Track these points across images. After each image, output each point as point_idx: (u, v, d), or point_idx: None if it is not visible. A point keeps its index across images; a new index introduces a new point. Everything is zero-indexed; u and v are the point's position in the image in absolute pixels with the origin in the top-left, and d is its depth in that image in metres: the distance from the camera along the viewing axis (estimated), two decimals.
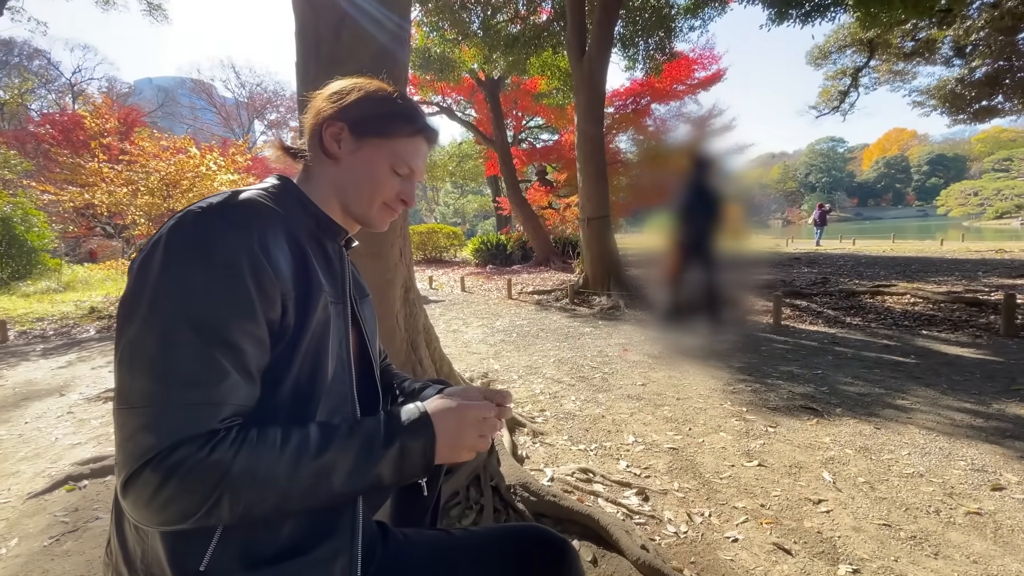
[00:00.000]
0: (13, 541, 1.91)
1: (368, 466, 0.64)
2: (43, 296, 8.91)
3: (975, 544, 1.76)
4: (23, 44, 30.51)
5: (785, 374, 3.77)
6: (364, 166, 0.80)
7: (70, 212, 12.89)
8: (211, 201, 0.65)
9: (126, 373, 0.57)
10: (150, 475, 0.53)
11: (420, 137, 0.84)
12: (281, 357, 0.66)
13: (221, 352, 0.58)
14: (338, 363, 0.74)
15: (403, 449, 0.67)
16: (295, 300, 0.67)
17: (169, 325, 0.57)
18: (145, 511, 0.55)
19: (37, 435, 3.00)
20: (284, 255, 0.67)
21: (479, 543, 0.86)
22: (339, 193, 0.82)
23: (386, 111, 0.81)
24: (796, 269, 10.04)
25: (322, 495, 0.62)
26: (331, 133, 0.79)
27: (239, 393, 0.60)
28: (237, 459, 0.57)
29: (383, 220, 0.86)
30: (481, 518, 1.89)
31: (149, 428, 0.55)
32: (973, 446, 2.50)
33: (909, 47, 14.62)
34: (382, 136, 0.80)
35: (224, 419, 0.59)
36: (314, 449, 0.62)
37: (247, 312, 0.61)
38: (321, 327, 0.70)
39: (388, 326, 2.32)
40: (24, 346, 5.63)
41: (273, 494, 0.59)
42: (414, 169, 0.84)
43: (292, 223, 0.72)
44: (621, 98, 16.53)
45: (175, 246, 0.60)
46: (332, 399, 0.72)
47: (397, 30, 2.25)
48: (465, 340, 5.35)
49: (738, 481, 2.23)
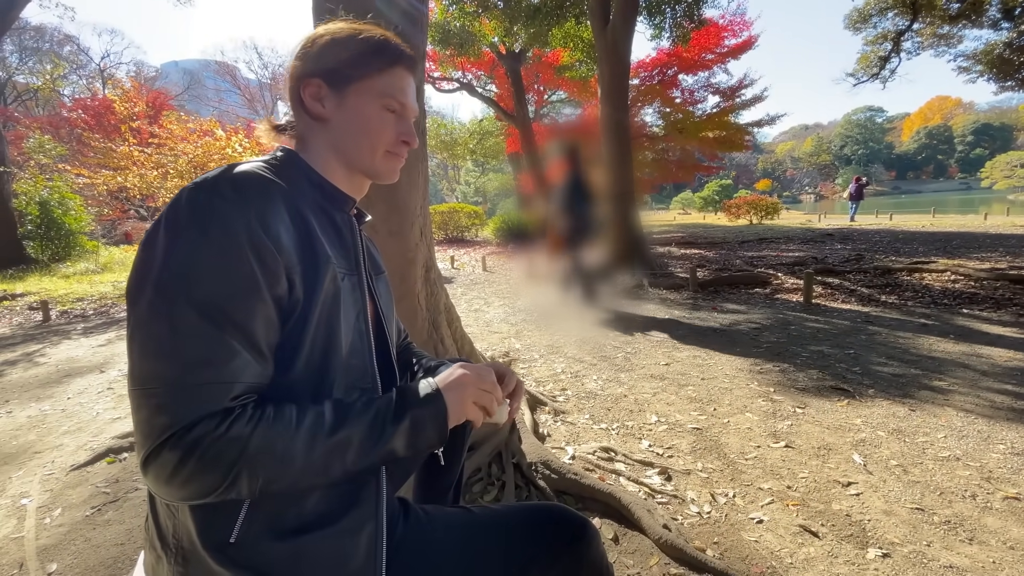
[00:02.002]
0: (57, 511, 2.02)
1: (382, 440, 0.66)
2: (82, 277, 9.27)
3: (1012, 530, 1.69)
4: (53, 30, 31.14)
5: (815, 354, 3.67)
6: (354, 118, 0.76)
7: (104, 195, 13.34)
8: (205, 177, 0.63)
9: (137, 355, 0.57)
10: (169, 453, 0.54)
11: (399, 67, 0.78)
12: (292, 332, 0.65)
13: (228, 331, 0.58)
14: (356, 336, 0.74)
15: (415, 420, 0.68)
16: (301, 274, 0.65)
17: (173, 307, 0.56)
18: (166, 487, 0.56)
19: (79, 410, 3.15)
20: (286, 228, 0.65)
21: (499, 521, 0.86)
22: (338, 154, 0.78)
23: (356, 50, 0.75)
24: (828, 246, 9.72)
25: (337, 468, 0.63)
26: (310, 93, 0.75)
27: (250, 371, 0.60)
28: (254, 436, 0.57)
29: (392, 169, 0.82)
30: (503, 495, 1.91)
31: (164, 408, 0.55)
32: (1014, 429, 2.39)
33: (955, 9, 13.68)
34: (361, 78, 0.75)
35: (237, 396, 0.59)
36: (329, 426, 0.63)
37: (251, 290, 0.60)
38: (331, 299, 0.69)
39: (409, 305, 2.33)
40: (65, 325, 5.88)
41: (290, 470, 0.60)
42: (404, 103, 0.79)
43: (295, 194, 0.70)
44: (647, 69, 16.06)
45: (171, 225, 0.59)
46: (351, 373, 0.72)
47: (413, 10, 2.20)
48: (487, 319, 5.36)
49: (764, 462, 2.19)
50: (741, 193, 26.69)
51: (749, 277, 6.64)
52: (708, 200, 27.64)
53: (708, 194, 28.25)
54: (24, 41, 28.87)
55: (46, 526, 1.92)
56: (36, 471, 2.36)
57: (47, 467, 2.40)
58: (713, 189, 28.59)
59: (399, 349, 1.07)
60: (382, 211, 2.16)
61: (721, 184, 30.06)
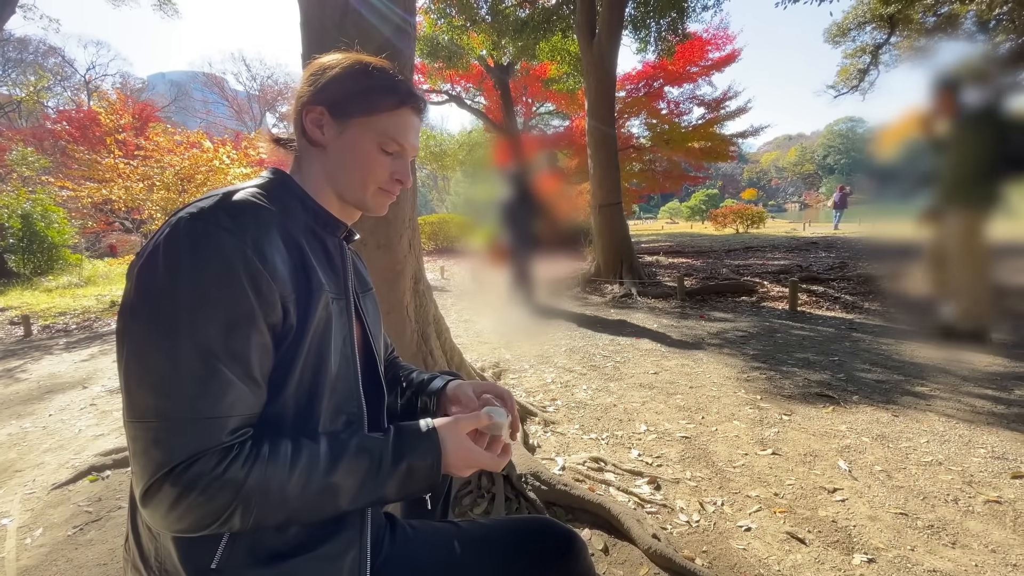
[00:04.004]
0: (38, 531, 1.97)
1: (375, 486, 0.67)
2: (65, 291, 9.12)
3: (994, 533, 1.72)
4: (38, 42, 30.87)
5: (801, 361, 3.72)
6: (350, 150, 0.76)
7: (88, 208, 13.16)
8: (202, 205, 0.63)
9: (134, 386, 0.57)
10: (169, 488, 0.55)
11: (406, 109, 0.78)
12: (285, 358, 0.66)
13: (224, 363, 0.59)
14: (342, 359, 0.74)
15: (410, 469, 0.69)
16: (295, 301, 0.67)
17: (171, 340, 0.57)
18: (164, 520, 0.57)
19: (61, 427, 3.09)
20: (281, 256, 0.66)
21: (486, 535, 0.86)
22: (331, 181, 0.79)
23: (364, 86, 0.76)
24: (813, 254, 9.86)
25: (328, 510, 0.65)
26: (311, 119, 0.76)
27: (245, 402, 0.61)
28: (251, 476, 0.59)
29: (381, 204, 0.82)
30: (492, 507, 1.91)
31: (161, 443, 0.56)
32: (994, 433, 2.44)
33: (931, 22, 14.10)
34: (364, 114, 0.76)
35: (234, 430, 0.60)
36: (324, 468, 0.64)
37: (247, 320, 0.61)
38: (323, 326, 0.70)
39: (398, 318, 2.33)
40: (47, 340, 5.78)
41: (283, 508, 0.61)
42: (404, 145, 0.79)
43: (289, 220, 0.71)
44: (633, 81, 16.28)
45: (171, 256, 0.59)
46: (337, 396, 0.73)
47: (402, 23, 2.23)
48: (477, 330, 5.36)
49: (751, 470, 2.21)
50: (727, 202, 26.99)
51: (736, 286, 6.72)
52: (695, 210, 27.93)
53: (695, 204, 28.54)
54: (7, 52, 28.60)
55: (27, 546, 1.87)
56: (16, 490, 2.31)
57: (28, 486, 2.35)
58: (700, 199, 28.90)
59: (386, 364, 1.07)
60: (370, 224, 2.17)
61: (708, 194, 30.40)
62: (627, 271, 7.52)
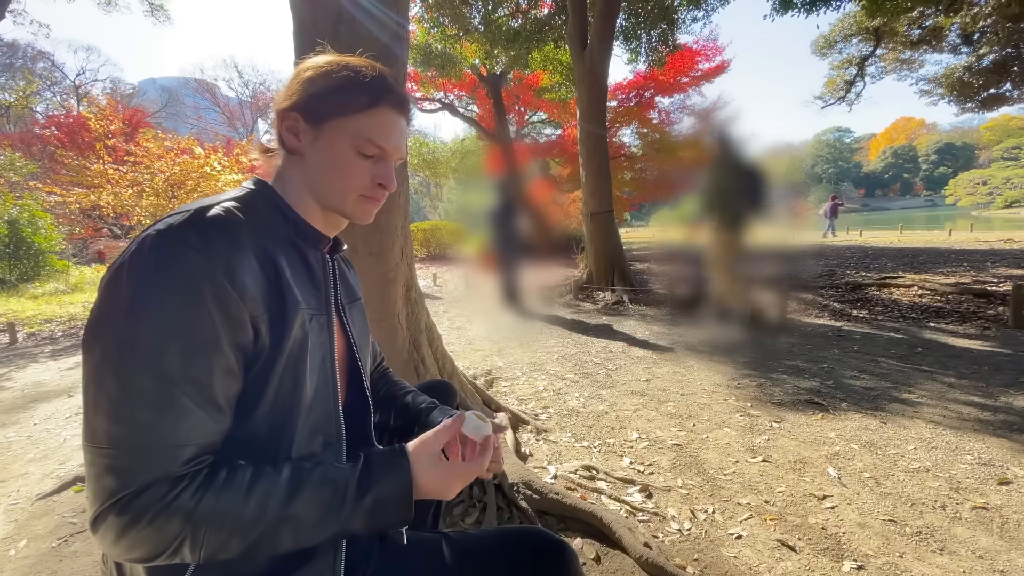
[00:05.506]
0: (22, 542, 1.93)
1: (339, 519, 0.63)
2: (51, 298, 8.99)
3: (981, 539, 1.74)
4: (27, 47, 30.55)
5: (790, 368, 3.75)
6: (326, 156, 0.72)
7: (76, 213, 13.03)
8: (170, 222, 0.60)
9: (90, 409, 0.56)
10: (115, 518, 0.54)
11: (383, 108, 0.72)
12: (256, 379, 0.64)
13: (183, 389, 0.56)
14: (320, 379, 0.71)
15: (376, 502, 0.65)
16: (268, 321, 0.64)
17: (127, 365, 0.55)
18: (113, 549, 0.55)
19: (46, 436, 3.03)
20: (253, 275, 0.63)
21: (476, 546, 0.86)
22: (311, 190, 0.75)
23: (334, 85, 0.70)
24: (802, 261, 9.96)
25: (289, 543, 0.61)
26: (287, 126, 0.72)
27: (203, 429, 0.58)
28: (201, 505, 0.56)
29: (365, 212, 0.77)
30: (484, 516, 1.90)
31: (112, 471, 0.54)
32: (980, 440, 2.47)
33: (916, 35, 14.40)
34: (337, 116, 0.71)
35: (189, 459, 0.57)
36: (282, 497, 0.60)
37: (211, 344, 0.58)
38: (298, 345, 0.67)
39: (390, 325, 2.33)
40: (33, 348, 5.68)
41: (239, 539, 0.58)
42: (384, 147, 0.73)
43: (266, 234, 0.68)
44: (624, 91, 16.45)
45: (135, 275, 0.57)
46: (313, 417, 0.70)
47: (396, 28, 2.24)
48: (469, 337, 5.35)
49: (742, 477, 2.22)
50: None
51: None
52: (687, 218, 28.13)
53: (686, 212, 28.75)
54: None
55: (11, 558, 1.83)
56: (0, 501, 2.27)
57: (11, 496, 2.30)
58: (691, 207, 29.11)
59: (375, 376, 1.06)
60: (362, 231, 2.16)
61: None
62: (619, 278, 7.56)
